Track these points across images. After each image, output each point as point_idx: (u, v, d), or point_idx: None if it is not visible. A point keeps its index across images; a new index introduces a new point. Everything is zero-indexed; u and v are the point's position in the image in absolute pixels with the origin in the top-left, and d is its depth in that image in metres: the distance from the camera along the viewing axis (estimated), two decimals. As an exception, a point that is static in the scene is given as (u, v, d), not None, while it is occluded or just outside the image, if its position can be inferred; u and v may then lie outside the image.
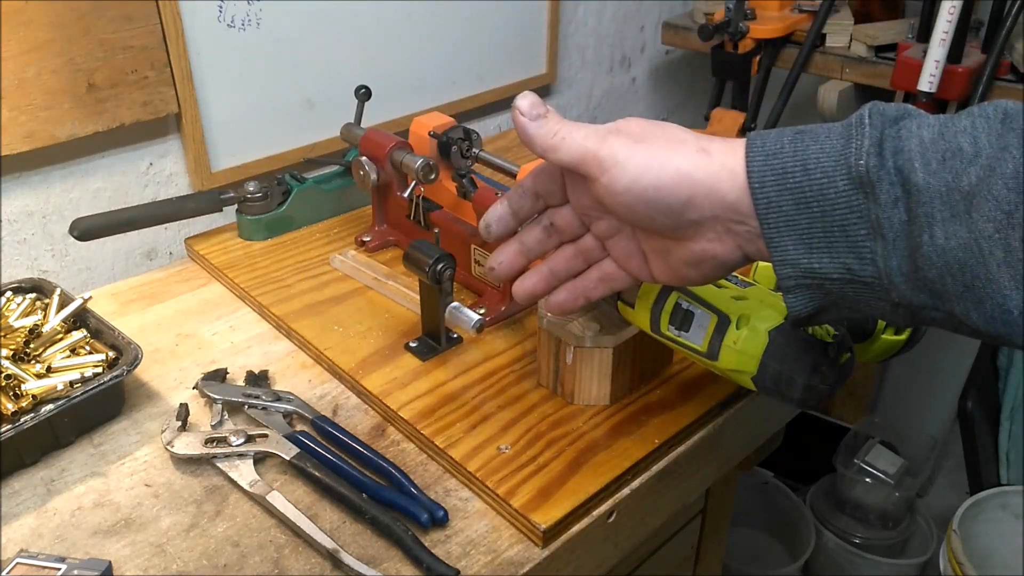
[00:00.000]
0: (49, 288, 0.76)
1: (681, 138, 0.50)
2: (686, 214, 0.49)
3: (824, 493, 1.66)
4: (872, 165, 0.43)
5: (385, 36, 1.14)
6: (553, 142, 0.52)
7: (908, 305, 0.44)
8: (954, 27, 1.14)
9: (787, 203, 0.45)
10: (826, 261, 0.45)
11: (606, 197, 0.51)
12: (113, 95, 0.91)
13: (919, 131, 0.43)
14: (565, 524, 0.61)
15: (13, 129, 0.86)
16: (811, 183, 0.45)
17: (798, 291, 0.47)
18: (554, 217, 0.58)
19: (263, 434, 0.68)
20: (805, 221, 0.45)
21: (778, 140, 0.46)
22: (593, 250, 0.58)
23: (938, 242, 0.42)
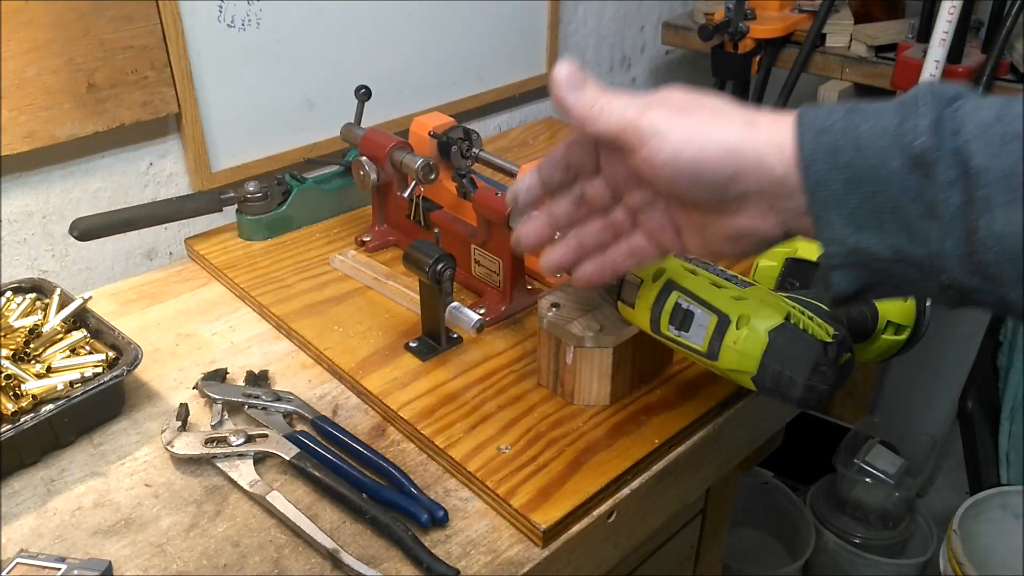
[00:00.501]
0: (49, 288, 0.76)
1: (725, 109, 0.48)
2: (730, 189, 0.48)
3: (824, 493, 1.66)
4: (929, 145, 0.42)
5: (385, 36, 1.14)
6: (591, 113, 0.50)
7: (959, 288, 0.43)
8: (954, 27, 1.14)
9: (837, 181, 0.44)
10: (875, 240, 0.44)
11: (646, 170, 0.49)
12: (113, 95, 0.91)
13: (976, 113, 0.42)
14: (565, 524, 0.61)
15: (13, 129, 0.86)
16: (863, 161, 0.43)
17: (844, 269, 0.46)
18: (585, 189, 0.56)
19: (263, 434, 0.68)
20: (855, 200, 0.44)
21: (829, 116, 0.45)
22: (623, 223, 0.56)
23: (996, 227, 0.41)
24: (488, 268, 0.84)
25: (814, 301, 0.62)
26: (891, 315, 0.67)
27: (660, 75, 1.67)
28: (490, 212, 0.79)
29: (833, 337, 0.55)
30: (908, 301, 0.67)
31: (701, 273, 0.61)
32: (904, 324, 0.67)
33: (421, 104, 1.20)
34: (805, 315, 0.57)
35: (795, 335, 0.56)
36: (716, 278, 0.60)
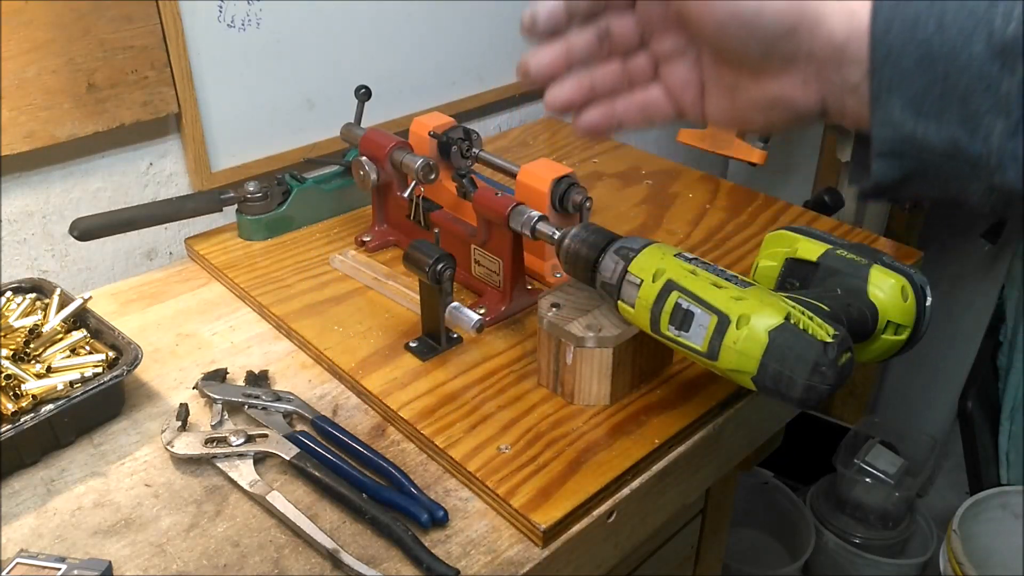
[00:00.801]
0: (49, 288, 0.76)
1: None
2: (781, 45, 0.44)
3: (824, 493, 1.66)
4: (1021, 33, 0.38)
5: (385, 36, 1.14)
6: None
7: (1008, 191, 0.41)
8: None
9: (909, 57, 0.40)
10: (933, 128, 0.41)
11: (696, 9, 0.45)
12: (113, 95, 0.91)
13: None
14: (565, 524, 0.61)
15: (13, 129, 0.86)
16: (943, 40, 0.39)
17: (890, 157, 0.43)
18: (612, 23, 0.51)
19: (263, 434, 0.68)
20: (923, 81, 0.40)
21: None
22: (643, 72, 0.52)
23: None
24: (488, 268, 0.84)
25: (814, 301, 0.62)
26: (891, 315, 0.67)
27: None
28: (490, 212, 0.79)
29: (833, 337, 0.55)
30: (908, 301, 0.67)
31: (701, 273, 0.61)
32: (904, 324, 0.67)
33: (421, 104, 1.20)
34: (805, 315, 0.57)
35: (795, 335, 0.56)
36: (716, 278, 0.60)
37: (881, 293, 0.67)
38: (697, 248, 0.95)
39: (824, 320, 0.57)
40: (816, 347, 0.55)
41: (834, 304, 0.64)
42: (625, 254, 0.65)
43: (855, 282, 0.67)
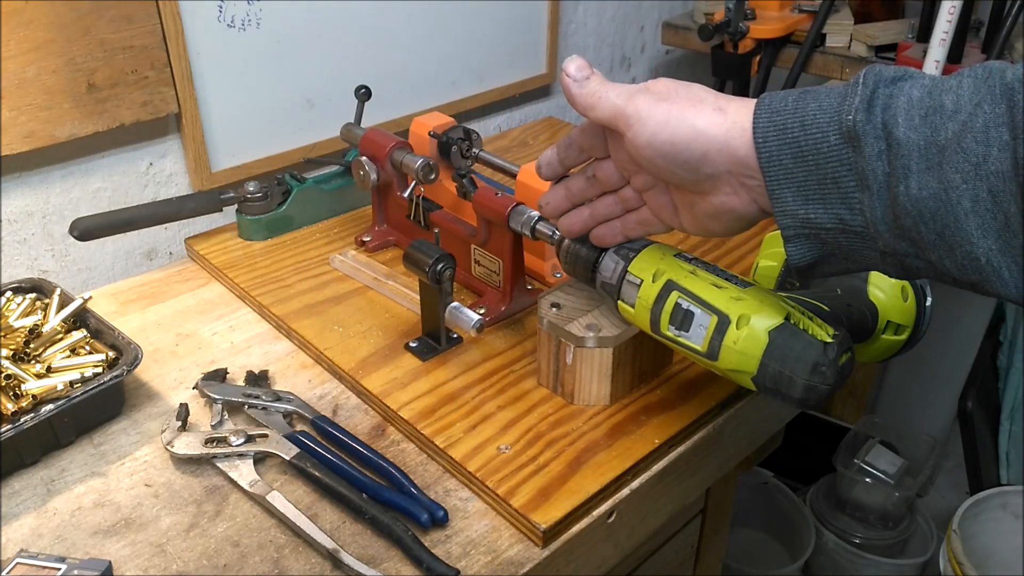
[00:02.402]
0: (49, 288, 0.76)
1: (701, 97, 0.53)
2: (702, 168, 0.53)
3: (824, 493, 1.66)
4: (859, 120, 0.46)
5: (385, 36, 1.14)
6: (591, 101, 0.56)
7: (893, 253, 0.48)
8: (954, 27, 1.14)
9: (787, 157, 0.49)
10: (821, 211, 0.49)
11: (632, 150, 0.55)
12: (113, 95, 0.91)
13: (910, 90, 0.46)
14: (565, 524, 0.61)
15: (13, 129, 0.86)
16: (807, 138, 0.48)
17: (797, 240, 0.51)
18: (597, 169, 0.62)
19: (263, 434, 0.68)
20: (802, 174, 0.48)
21: (784, 99, 0.50)
22: (632, 200, 0.62)
23: (912, 192, 0.44)
24: (488, 268, 0.84)
25: (814, 301, 0.62)
26: (891, 315, 0.67)
27: (660, 75, 1.67)
28: (490, 212, 0.79)
29: (833, 337, 0.55)
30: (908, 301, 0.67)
31: (701, 273, 0.61)
32: (904, 324, 0.67)
33: (421, 104, 1.20)
34: (805, 315, 0.57)
35: (795, 335, 0.56)
36: (716, 278, 0.60)
37: (881, 293, 0.67)
38: (697, 248, 0.95)
39: (824, 320, 0.57)
40: (816, 347, 0.55)
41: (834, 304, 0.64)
42: (625, 254, 0.65)
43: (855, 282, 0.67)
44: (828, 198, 0.48)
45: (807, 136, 0.48)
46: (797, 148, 0.48)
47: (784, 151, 0.49)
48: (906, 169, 0.45)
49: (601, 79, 0.57)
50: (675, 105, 0.53)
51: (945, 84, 0.46)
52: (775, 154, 0.49)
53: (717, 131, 0.51)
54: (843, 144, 0.47)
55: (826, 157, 0.47)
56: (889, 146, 0.45)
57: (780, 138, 0.49)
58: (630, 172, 0.60)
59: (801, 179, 0.49)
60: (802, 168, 0.49)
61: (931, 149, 0.44)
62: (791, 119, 0.49)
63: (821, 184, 0.48)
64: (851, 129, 0.46)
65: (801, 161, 0.48)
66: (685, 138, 0.52)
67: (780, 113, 0.49)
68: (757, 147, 0.50)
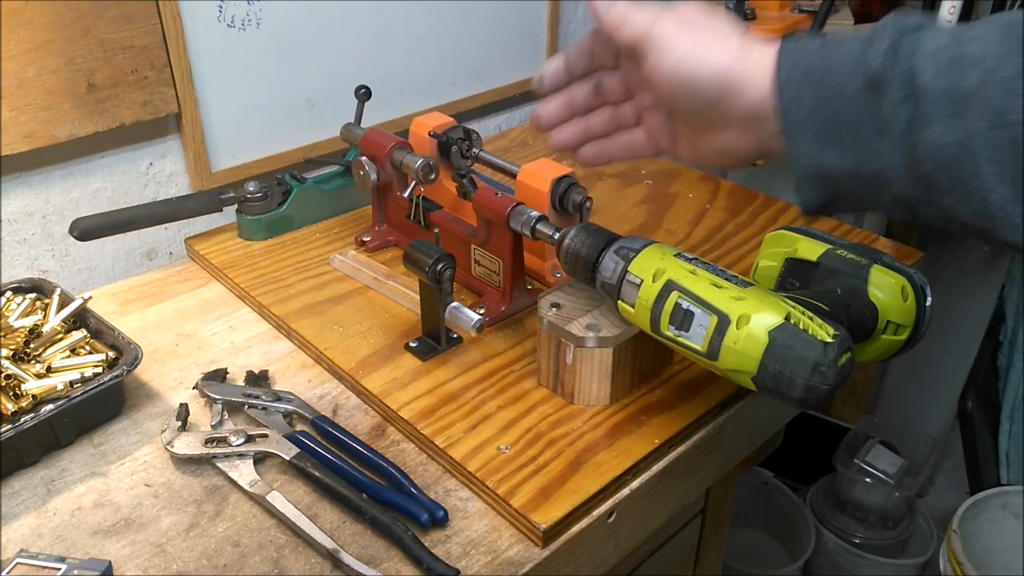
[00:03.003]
0: (49, 288, 0.76)
1: (727, 33, 0.52)
2: (717, 107, 0.53)
3: (824, 493, 1.66)
4: (884, 67, 0.45)
5: (385, 36, 1.14)
6: (618, 21, 0.55)
7: (905, 199, 0.48)
8: (954, 27, 1.15)
9: (807, 100, 0.48)
10: (836, 156, 0.48)
11: (651, 75, 0.54)
12: (113, 95, 0.91)
13: (935, 38, 0.45)
14: (565, 524, 0.61)
15: (13, 129, 0.86)
16: (832, 82, 0.47)
17: (809, 184, 0.51)
18: (604, 78, 0.62)
19: (263, 434, 0.68)
20: (821, 118, 0.48)
21: (808, 43, 0.50)
22: (629, 118, 0.62)
23: (934, 138, 0.44)
24: (488, 268, 0.84)
25: (814, 301, 0.62)
26: (891, 315, 0.67)
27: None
28: (490, 212, 0.79)
29: (833, 337, 0.55)
30: (908, 301, 0.67)
31: (701, 273, 0.61)
32: (904, 324, 0.67)
33: (421, 104, 1.20)
34: (805, 315, 0.57)
35: (795, 335, 0.56)
36: (716, 278, 0.60)
37: (881, 293, 0.67)
38: (697, 248, 0.95)
39: (824, 320, 0.57)
40: (816, 347, 0.55)
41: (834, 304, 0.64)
42: (625, 254, 0.65)
43: (855, 282, 0.67)
44: (845, 144, 0.48)
45: (831, 81, 0.48)
46: (819, 92, 0.48)
47: (805, 94, 0.48)
48: (929, 116, 0.44)
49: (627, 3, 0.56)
50: (701, 36, 0.52)
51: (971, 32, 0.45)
52: (796, 97, 0.49)
53: (738, 72, 0.51)
54: (866, 90, 0.46)
55: (848, 102, 0.47)
56: (913, 93, 0.45)
57: (803, 81, 0.48)
58: (636, 89, 0.60)
59: (819, 123, 0.48)
60: (821, 112, 0.48)
61: (955, 97, 0.44)
62: (816, 63, 0.48)
63: (839, 129, 0.48)
64: (877, 75, 0.46)
65: (821, 105, 0.48)
66: (707, 74, 0.52)
67: (805, 56, 0.49)
68: (779, 89, 0.49)
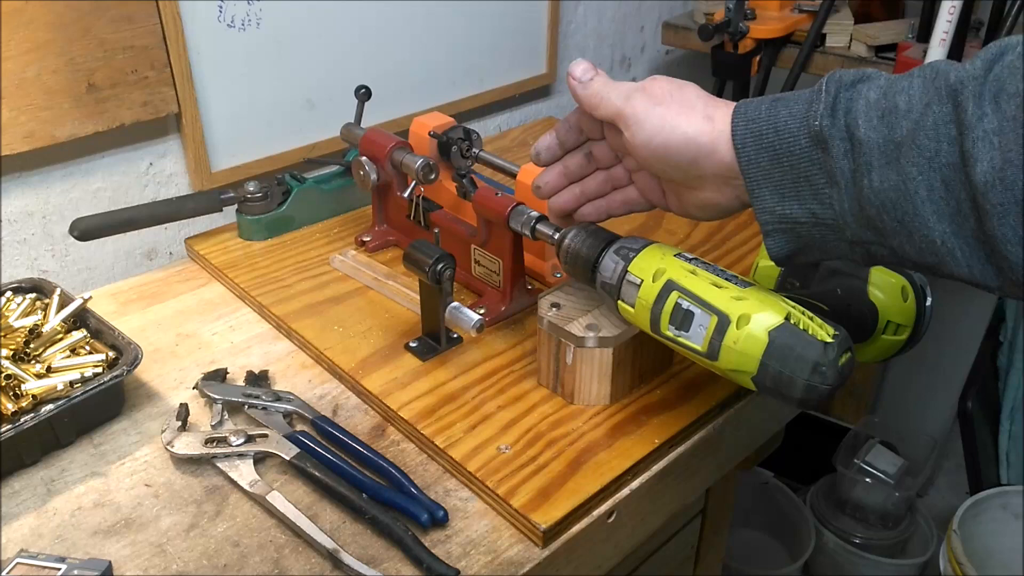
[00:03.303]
0: (49, 288, 0.76)
1: (692, 103, 0.57)
2: (691, 171, 0.58)
3: (824, 493, 1.66)
4: (825, 124, 0.51)
5: (385, 36, 1.14)
6: (594, 102, 0.61)
7: (860, 242, 0.53)
8: (954, 27, 1.14)
9: (764, 159, 0.54)
10: (796, 207, 0.53)
11: (629, 148, 0.60)
12: (113, 95, 0.91)
13: (868, 92, 0.51)
14: (565, 524, 0.61)
15: (13, 129, 0.86)
16: (781, 142, 0.53)
17: (776, 235, 0.56)
18: (593, 148, 0.67)
19: (263, 434, 0.68)
20: (778, 174, 0.53)
21: (757, 108, 0.55)
22: (621, 179, 0.67)
23: (875, 185, 0.49)
24: (488, 268, 0.84)
25: (814, 301, 0.62)
26: (891, 315, 0.67)
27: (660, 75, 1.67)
28: (490, 212, 0.79)
29: (833, 337, 0.55)
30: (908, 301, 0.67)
31: (701, 273, 0.61)
32: (904, 324, 0.67)
33: (421, 104, 1.20)
34: (805, 315, 0.57)
35: (795, 335, 0.56)
36: (716, 278, 0.60)
37: (881, 293, 0.67)
38: (697, 248, 0.95)
39: (824, 320, 0.57)
40: (816, 347, 0.55)
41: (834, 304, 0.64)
42: (625, 254, 0.65)
43: (855, 282, 0.67)
44: (802, 195, 0.53)
45: (780, 141, 0.53)
46: (772, 152, 0.53)
47: (761, 155, 0.54)
48: (868, 165, 0.49)
49: (605, 80, 0.61)
50: (669, 110, 0.57)
51: (898, 85, 0.50)
52: (753, 158, 0.54)
53: (706, 139, 0.56)
54: (813, 146, 0.52)
55: (798, 158, 0.52)
56: (852, 146, 0.50)
57: (756, 144, 0.54)
58: (623, 154, 0.65)
59: (777, 179, 0.54)
60: (778, 169, 0.53)
61: (889, 146, 0.49)
62: (765, 126, 0.54)
63: (795, 183, 0.53)
64: (819, 133, 0.51)
65: (776, 163, 0.53)
66: (677, 144, 0.57)
67: (755, 121, 0.54)
68: (736, 151, 0.55)
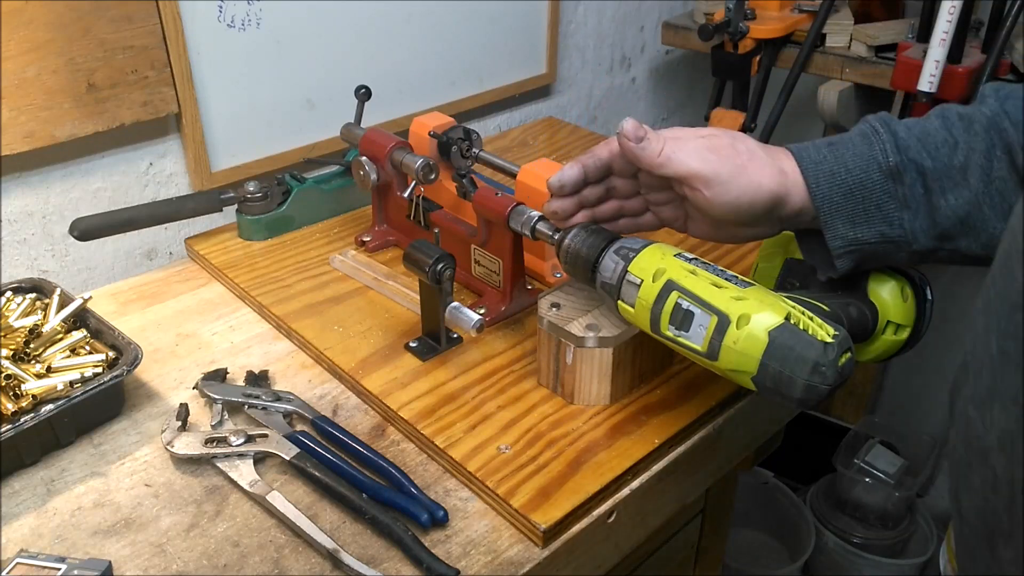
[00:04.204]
0: (49, 288, 0.76)
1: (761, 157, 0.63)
2: (767, 218, 0.64)
3: (824, 493, 1.66)
4: (897, 160, 0.61)
5: (385, 36, 1.14)
6: (660, 160, 0.63)
7: (922, 251, 0.62)
8: (954, 27, 1.14)
9: (836, 195, 0.62)
10: (865, 231, 0.62)
11: (704, 204, 0.63)
12: (113, 95, 0.91)
13: (909, 133, 0.61)
14: (565, 524, 0.61)
15: (13, 129, 0.86)
16: (852, 178, 0.61)
17: (845, 256, 0.63)
18: (616, 182, 0.70)
19: (263, 434, 0.68)
20: (850, 206, 0.62)
21: (819, 151, 0.63)
22: (637, 210, 0.71)
23: (951, 202, 0.60)
24: (488, 268, 0.84)
25: (814, 301, 0.62)
26: (891, 315, 0.67)
27: (660, 75, 1.67)
28: (490, 212, 0.79)
29: (833, 337, 0.55)
30: (908, 301, 0.67)
31: (701, 273, 0.61)
32: (904, 324, 0.67)
33: (421, 104, 1.20)
34: (805, 315, 0.57)
35: (795, 335, 0.56)
36: (716, 278, 0.60)
37: (881, 293, 0.67)
38: (697, 248, 0.95)
39: (824, 320, 0.57)
40: (816, 347, 0.55)
41: (834, 304, 0.64)
42: (625, 254, 0.65)
43: (855, 282, 0.67)
44: (872, 220, 0.61)
45: (851, 177, 0.61)
46: (845, 187, 0.61)
47: (834, 191, 0.62)
48: (942, 188, 0.60)
49: (656, 135, 0.63)
50: (750, 169, 0.62)
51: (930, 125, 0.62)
52: (827, 195, 0.62)
53: (783, 190, 0.62)
54: (885, 178, 0.61)
55: (870, 191, 0.61)
56: (921, 175, 0.60)
57: (829, 182, 0.62)
58: (650, 190, 0.69)
59: (849, 209, 0.62)
60: (850, 201, 0.61)
61: (952, 171, 0.60)
62: (835, 166, 0.62)
63: (867, 211, 0.61)
64: (893, 167, 0.60)
65: (849, 195, 0.61)
66: (763, 200, 0.62)
67: (823, 163, 0.62)
68: (811, 191, 0.62)
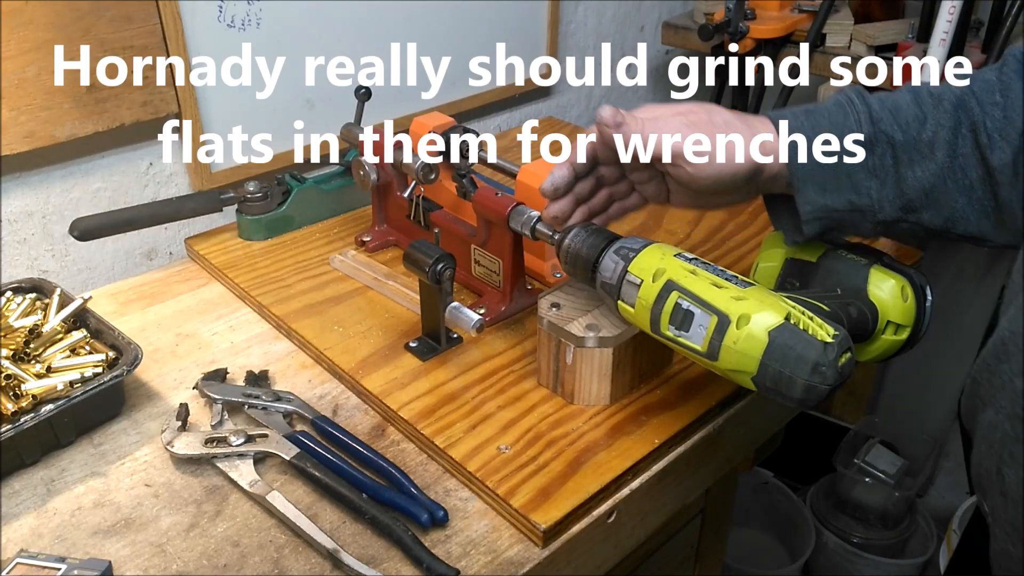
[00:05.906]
0: (49, 288, 0.76)
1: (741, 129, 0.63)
2: (745, 186, 0.65)
3: (824, 493, 1.66)
4: (869, 131, 0.62)
5: (385, 36, 1.14)
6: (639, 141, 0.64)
7: (886, 221, 0.63)
8: (954, 27, 1.14)
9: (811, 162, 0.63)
10: (835, 198, 0.63)
11: (687, 180, 0.64)
12: (113, 95, 0.91)
13: (882, 106, 0.63)
14: (565, 524, 0.61)
15: (13, 129, 0.86)
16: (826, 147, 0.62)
17: (814, 221, 0.64)
18: (602, 171, 0.71)
19: (263, 434, 0.68)
20: (822, 173, 0.63)
21: (796, 119, 0.64)
22: (623, 192, 0.73)
23: (918, 174, 0.62)
24: (488, 268, 0.84)
25: (814, 301, 0.62)
26: (891, 315, 0.67)
27: (660, 75, 1.67)
28: (490, 212, 0.79)
29: (833, 337, 0.55)
30: (908, 301, 0.67)
31: (701, 273, 0.61)
32: (904, 324, 0.67)
33: (421, 104, 1.20)
34: (805, 315, 0.57)
35: (795, 335, 0.56)
36: (716, 278, 0.60)
37: (881, 293, 0.67)
38: (697, 248, 0.95)
39: (824, 320, 0.57)
40: (816, 347, 0.55)
41: (834, 304, 0.64)
42: (625, 254, 0.65)
43: (855, 282, 0.67)
44: (842, 188, 0.63)
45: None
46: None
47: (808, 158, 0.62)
48: (910, 160, 0.62)
49: (634, 119, 0.64)
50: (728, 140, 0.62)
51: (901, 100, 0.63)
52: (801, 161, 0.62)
53: (760, 158, 0.63)
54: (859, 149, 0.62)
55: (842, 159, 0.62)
56: (891, 147, 0.62)
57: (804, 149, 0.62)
58: (633, 171, 0.70)
59: (821, 177, 0.63)
60: (822, 169, 0.62)
61: (920, 145, 0.62)
62: (809, 134, 0.62)
63: (837, 178, 0.62)
64: (866, 137, 0.62)
65: (821, 164, 0.62)
66: (744, 170, 0.63)
67: (798, 131, 0.63)
68: (788, 156, 0.63)
